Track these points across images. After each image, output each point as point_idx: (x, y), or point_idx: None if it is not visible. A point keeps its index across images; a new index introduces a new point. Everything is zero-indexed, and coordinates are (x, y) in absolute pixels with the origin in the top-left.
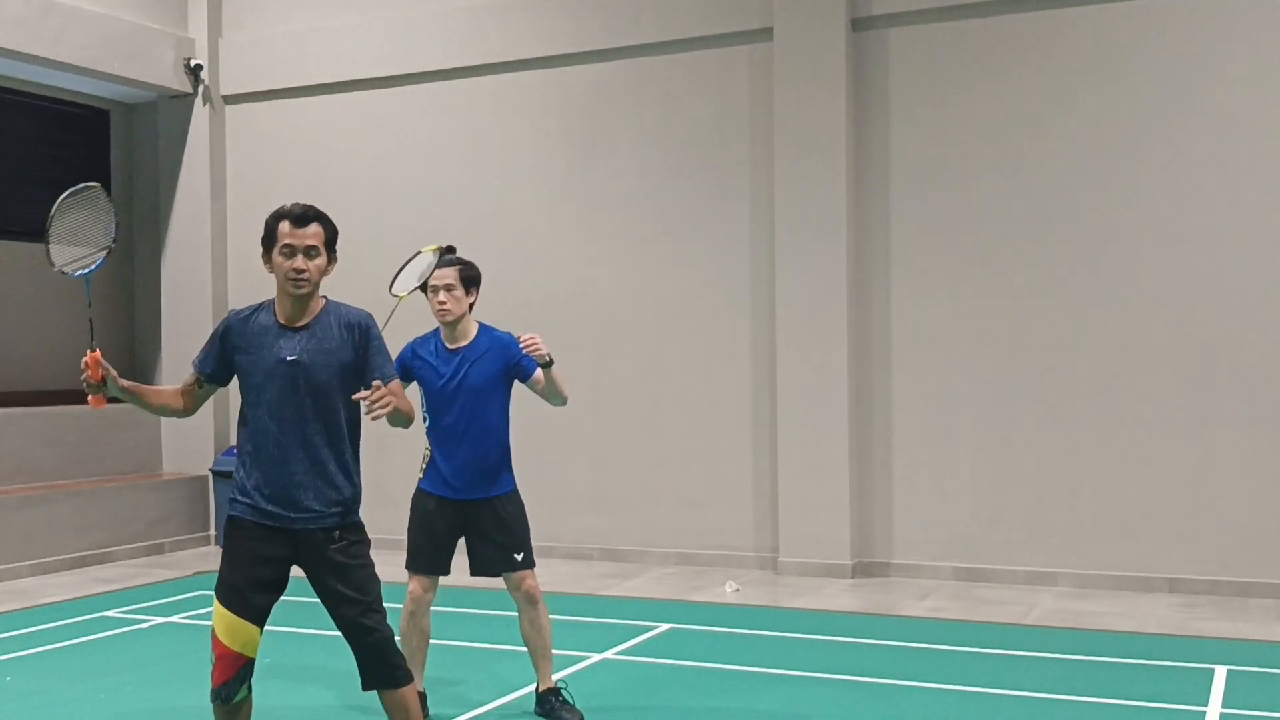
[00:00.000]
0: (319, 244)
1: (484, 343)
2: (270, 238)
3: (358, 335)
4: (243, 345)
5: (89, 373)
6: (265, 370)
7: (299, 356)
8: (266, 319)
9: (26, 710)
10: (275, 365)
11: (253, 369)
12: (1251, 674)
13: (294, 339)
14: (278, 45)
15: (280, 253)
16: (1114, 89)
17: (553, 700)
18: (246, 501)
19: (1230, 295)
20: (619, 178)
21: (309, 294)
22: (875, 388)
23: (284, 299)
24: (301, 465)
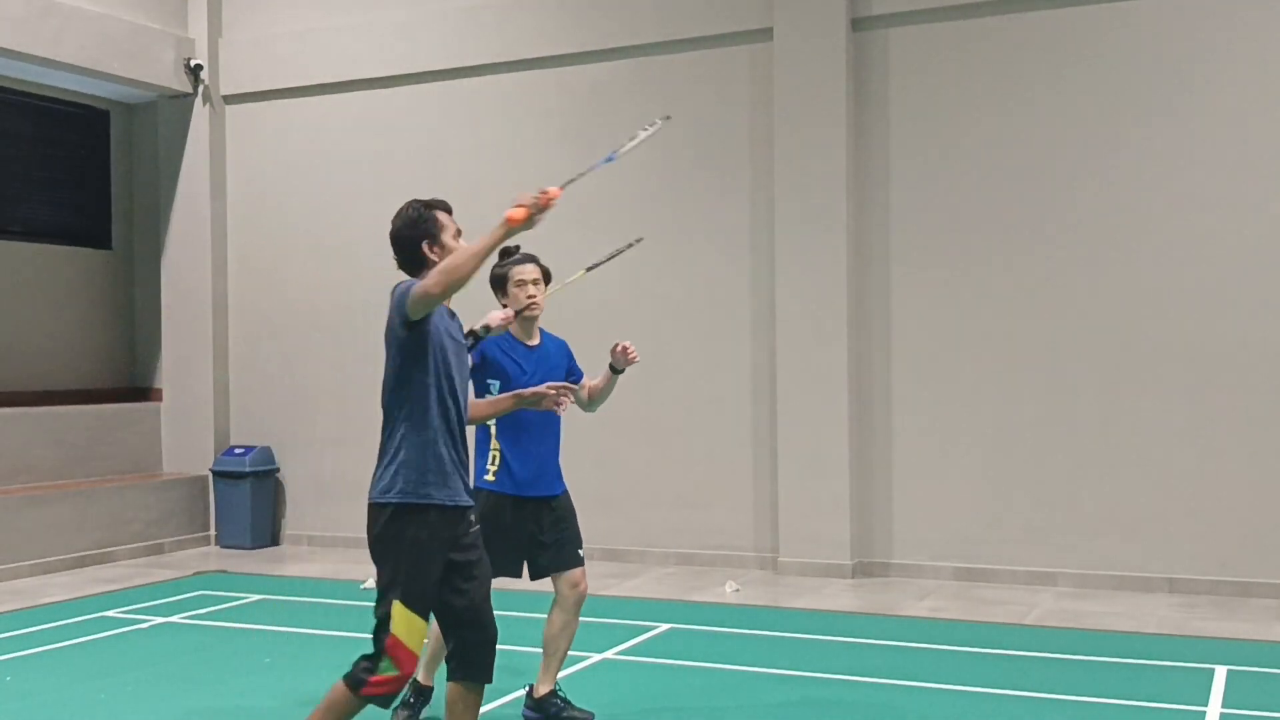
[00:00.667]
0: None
1: (549, 343)
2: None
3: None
4: (437, 317)
5: (547, 199)
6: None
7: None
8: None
9: (26, 710)
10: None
11: (447, 344)
12: (1251, 674)
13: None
14: (278, 45)
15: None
16: (1114, 89)
17: (558, 702)
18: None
19: (1230, 295)
20: (619, 178)
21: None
22: (875, 388)
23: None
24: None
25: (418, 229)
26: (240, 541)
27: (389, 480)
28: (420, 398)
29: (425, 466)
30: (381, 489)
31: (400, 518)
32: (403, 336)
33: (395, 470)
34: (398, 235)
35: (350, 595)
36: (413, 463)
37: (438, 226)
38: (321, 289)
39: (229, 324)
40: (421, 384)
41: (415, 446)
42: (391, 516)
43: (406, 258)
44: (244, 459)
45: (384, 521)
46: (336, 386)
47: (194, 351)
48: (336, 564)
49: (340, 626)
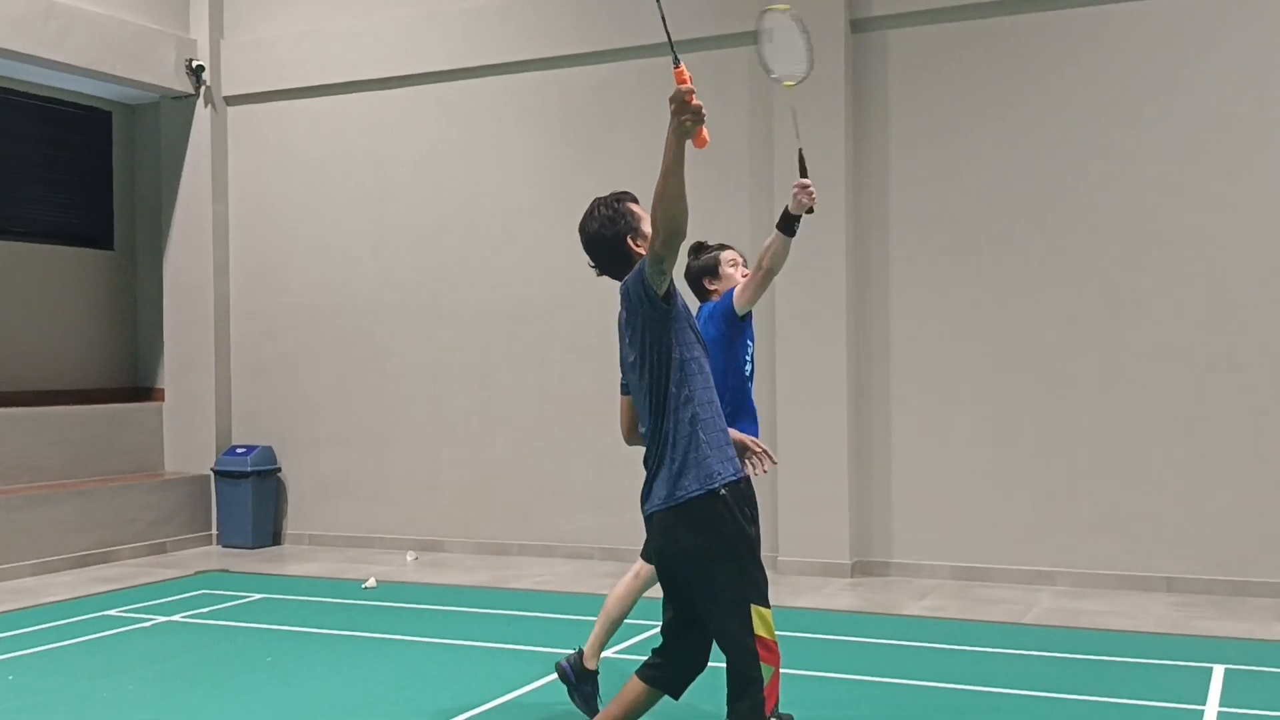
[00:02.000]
0: None
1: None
2: (634, 219)
3: None
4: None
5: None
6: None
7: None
8: None
9: (28, 709)
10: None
11: (694, 335)
12: (1249, 673)
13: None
14: (279, 47)
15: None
16: (1114, 89)
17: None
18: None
19: (1230, 295)
20: (619, 178)
21: None
22: (875, 388)
23: None
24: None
25: (618, 225)
26: (242, 541)
27: (704, 468)
28: (697, 373)
29: (719, 442)
30: (702, 476)
31: (729, 505)
32: (663, 311)
33: (700, 456)
34: (598, 237)
35: (352, 595)
36: (713, 442)
37: (635, 218)
38: (323, 289)
39: (230, 324)
40: (692, 359)
41: (707, 425)
42: (723, 505)
43: (611, 259)
44: (245, 458)
45: (715, 514)
46: (338, 386)
47: (196, 351)
48: (338, 563)
49: (342, 626)
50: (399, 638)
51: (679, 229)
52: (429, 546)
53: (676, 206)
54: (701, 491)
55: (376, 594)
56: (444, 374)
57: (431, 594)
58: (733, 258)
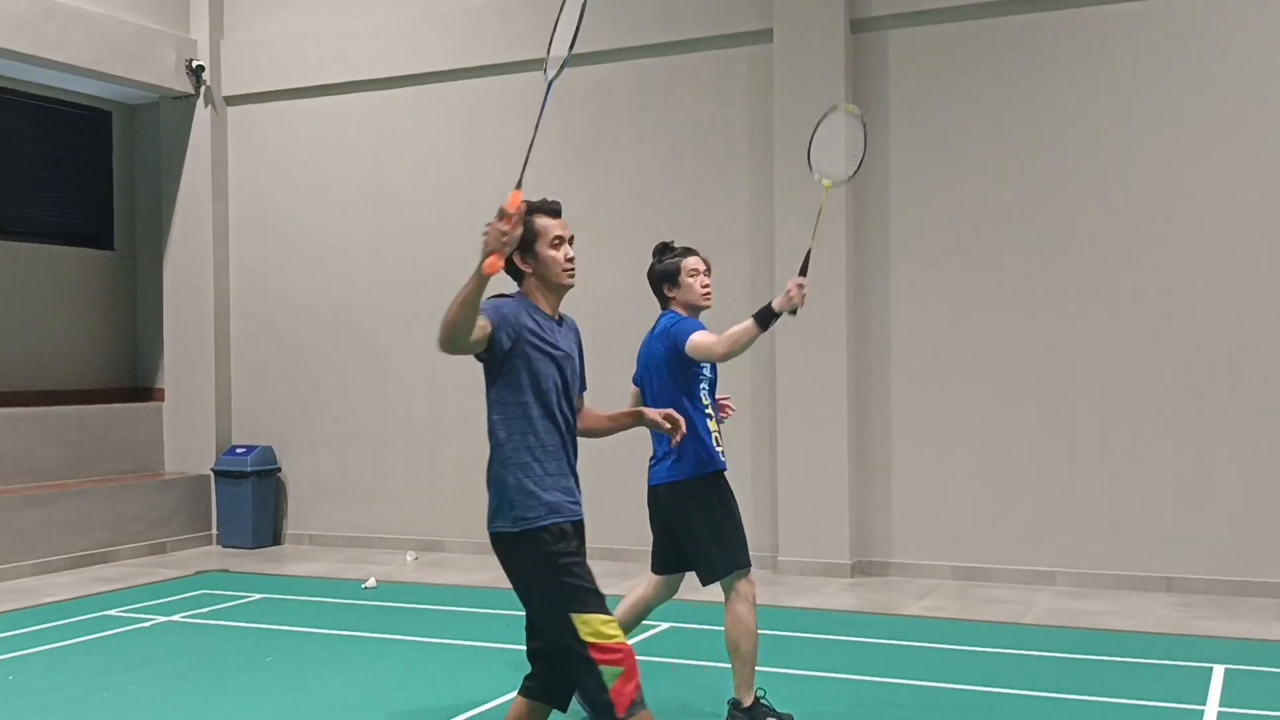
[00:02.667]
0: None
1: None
2: (529, 232)
3: (578, 338)
4: (532, 331)
5: (511, 220)
6: (556, 362)
7: (571, 352)
8: (538, 312)
9: (28, 709)
10: (562, 359)
11: (543, 359)
12: (1249, 673)
13: (561, 334)
14: (279, 47)
15: (551, 245)
16: (1114, 90)
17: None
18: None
19: (1230, 295)
20: (619, 178)
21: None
22: (875, 388)
23: (553, 292)
24: (574, 458)
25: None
26: (242, 541)
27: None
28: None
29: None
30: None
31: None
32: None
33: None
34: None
35: (352, 595)
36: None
37: (532, 233)
38: (322, 289)
39: (230, 324)
40: (504, 404)
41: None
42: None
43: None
44: (245, 458)
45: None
46: (338, 386)
47: (196, 351)
48: (338, 563)
49: (342, 626)
50: (399, 638)
51: (450, 348)
52: (429, 546)
53: (457, 333)
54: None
55: (376, 594)
56: (444, 374)
57: (431, 594)
58: (693, 266)
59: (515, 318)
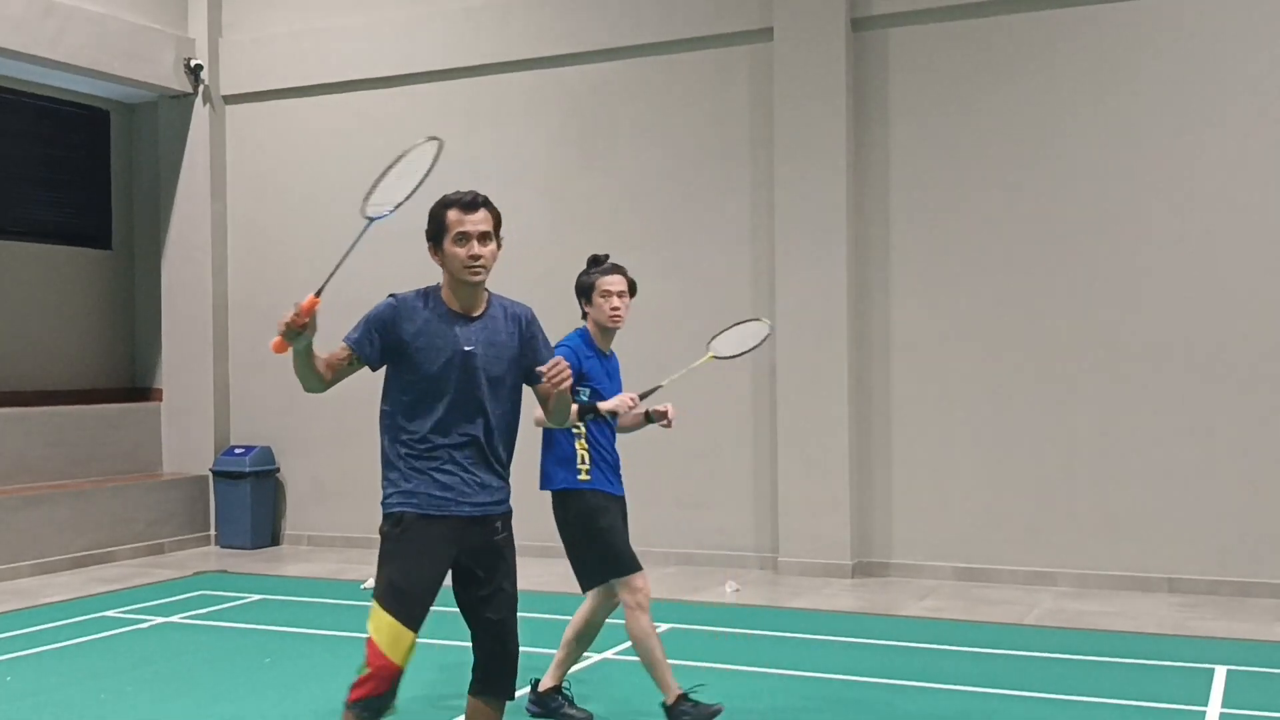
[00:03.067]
0: (490, 229)
1: (614, 354)
2: (439, 227)
3: (524, 327)
4: (414, 332)
5: (298, 314)
6: (443, 359)
7: (475, 348)
8: (438, 307)
9: (26, 710)
10: (454, 355)
11: (427, 358)
12: (1251, 674)
13: (469, 329)
14: (278, 45)
15: (454, 241)
16: (1114, 89)
17: (561, 697)
18: (425, 494)
19: (1230, 296)
20: (619, 178)
21: (484, 281)
22: (875, 388)
23: (459, 288)
24: (475, 455)
25: (428, 229)
26: (240, 541)
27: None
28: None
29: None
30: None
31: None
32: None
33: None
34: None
35: (350, 595)
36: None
37: (441, 228)
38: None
39: (229, 324)
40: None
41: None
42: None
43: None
44: (244, 459)
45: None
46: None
47: (194, 352)
48: (336, 564)
49: (340, 626)
50: None
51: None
52: None
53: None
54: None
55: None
56: None
57: None
58: (607, 286)
59: (386, 326)
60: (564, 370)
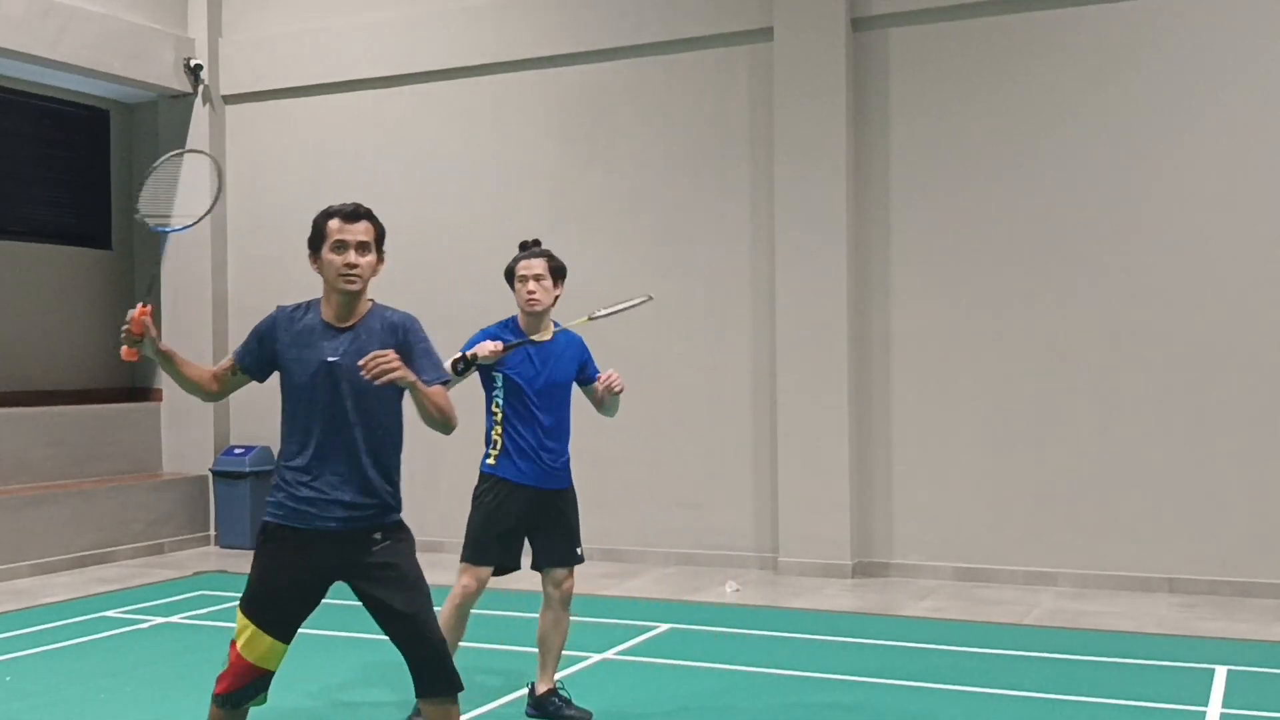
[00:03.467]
0: (370, 240)
1: (561, 339)
2: (319, 235)
3: (400, 336)
4: (288, 343)
5: (130, 326)
6: (309, 371)
7: (340, 358)
8: (313, 318)
9: (26, 710)
10: (319, 366)
11: (297, 368)
12: (1252, 674)
13: (338, 339)
14: (278, 45)
15: (331, 249)
16: (1115, 89)
17: (557, 700)
18: (290, 506)
19: (1230, 296)
20: (619, 178)
21: (359, 292)
22: (875, 388)
23: (332, 297)
24: (344, 467)
25: (310, 237)
26: (240, 541)
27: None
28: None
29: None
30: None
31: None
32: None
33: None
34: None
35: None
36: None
37: (320, 236)
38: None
39: (229, 324)
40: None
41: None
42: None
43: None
44: (244, 459)
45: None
46: None
47: (194, 352)
48: None
49: (340, 627)
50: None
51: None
52: (429, 547)
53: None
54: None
55: None
56: None
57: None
58: (523, 270)
59: (264, 337)
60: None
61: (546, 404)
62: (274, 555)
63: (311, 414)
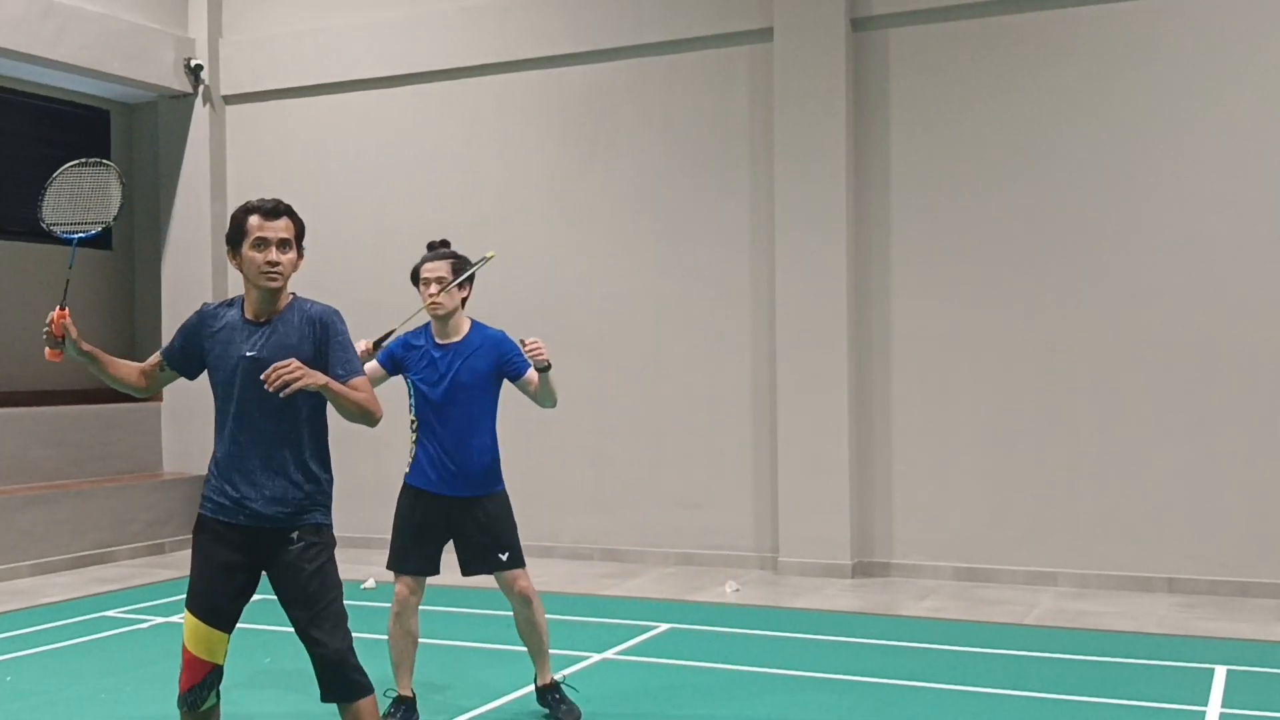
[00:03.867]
0: (290, 237)
1: (476, 339)
2: (239, 232)
3: (318, 330)
4: (210, 340)
5: (51, 328)
6: (229, 367)
7: (258, 353)
8: (234, 315)
9: (26, 710)
10: (238, 362)
11: (219, 365)
12: (1251, 674)
13: (256, 334)
14: (278, 45)
15: (252, 246)
16: (1115, 89)
17: (553, 696)
18: (215, 501)
19: (1230, 296)
20: (619, 178)
21: (280, 288)
22: (875, 388)
23: (253, 294)
24: (260, 465)
25: (228, 234)
26: None
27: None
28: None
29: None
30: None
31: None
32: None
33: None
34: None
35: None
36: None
37: (240, 233)
38: (320, 289)
39: None
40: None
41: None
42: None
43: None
44: None
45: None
46: None
47: None
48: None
49: None
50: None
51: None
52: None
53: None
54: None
55: (375, 594)
56: None
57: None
58: (425, 274)
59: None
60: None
61: (452, 408)
62: (202, 546)
63: (229, 410)
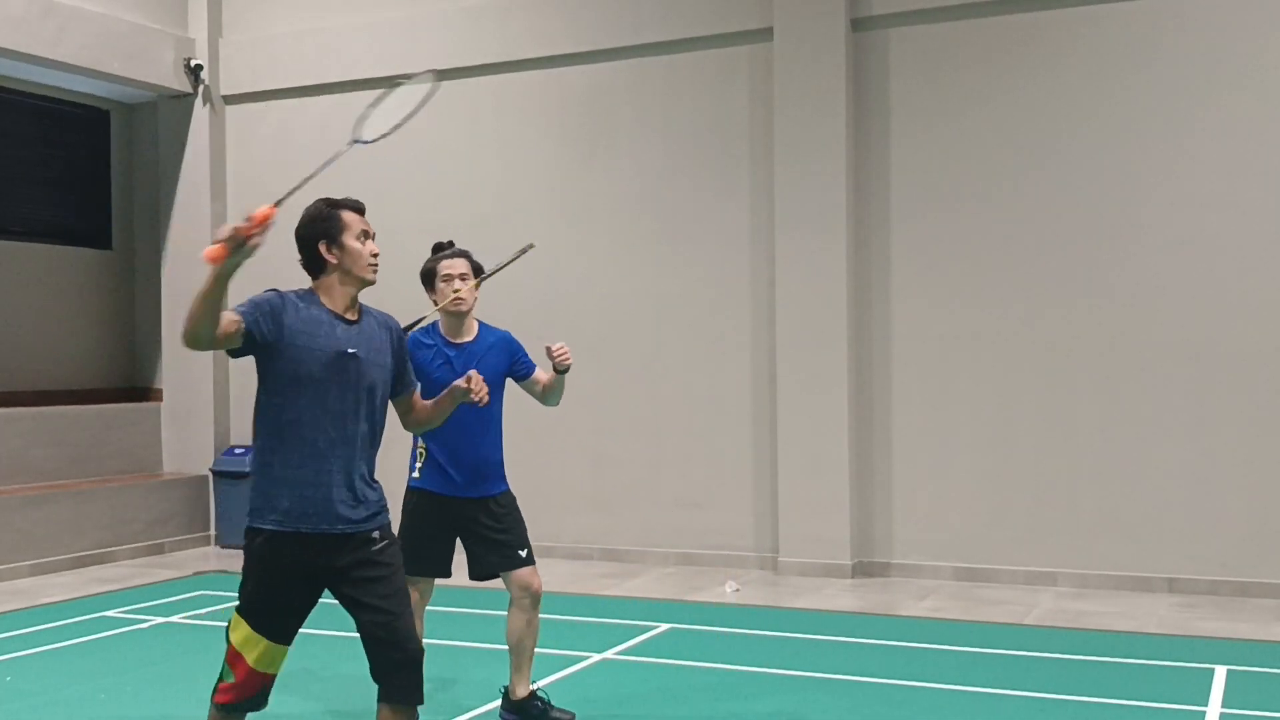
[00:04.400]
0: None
1: (488, 338)
2: (338, 225)
3: (394, 338)
4: (298, 329)
5: (249, 225)
6: (324, 361)
7: (358, 351)
8: (318, 309)
9: (26, 710)
10: (335, 357)
11: (309, 357)
12: (1251, 674)
13: (350, 332)
14: (278, 45)
15: (358, 238)
16: (1115, 89)
17: (539, 705)
18: (286, 510)
19: (1230, 296)
20: (619, 178)
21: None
22: (875, 388)
23: (337, 290)
24: (343, 466)
25: (315, 227)
26: (240, 541)
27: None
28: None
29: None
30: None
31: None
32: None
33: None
34: (297, 232)
35: None
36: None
37: (338, 227)
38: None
39: None
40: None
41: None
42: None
43: (306, 258)
44: (244, 459)
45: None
46: None
47: (194, 351)
48: None
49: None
50: None
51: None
52: None
53: (197, 327)
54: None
55: None
56: None
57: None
58: (447, 270)
59: (275, 312)
60: (484, 388)
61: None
62: (270, 565)
63: (321, 408)
